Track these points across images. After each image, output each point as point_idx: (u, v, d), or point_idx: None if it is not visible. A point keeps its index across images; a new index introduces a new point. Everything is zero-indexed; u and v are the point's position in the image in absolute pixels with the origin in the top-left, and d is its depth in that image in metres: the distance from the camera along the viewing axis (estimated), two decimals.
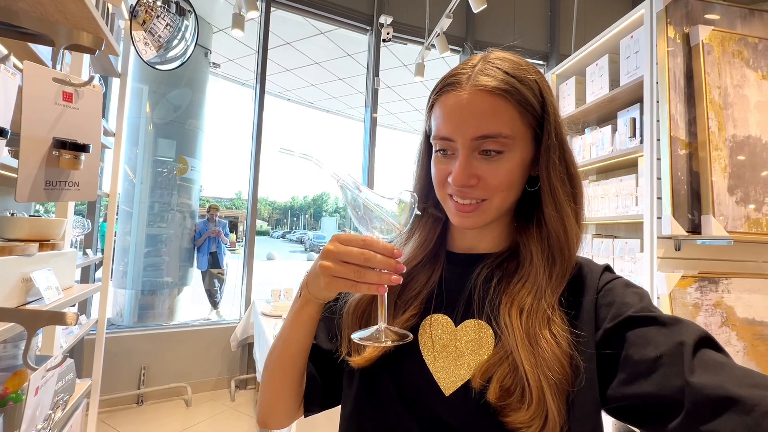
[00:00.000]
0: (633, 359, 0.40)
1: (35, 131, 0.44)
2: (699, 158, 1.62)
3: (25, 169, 0.43)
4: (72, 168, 0.49)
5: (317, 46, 5.21)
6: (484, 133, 0.47)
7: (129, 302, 3.87)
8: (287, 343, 0.53)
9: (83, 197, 0.52)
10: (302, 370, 0.54)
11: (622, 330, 0.43)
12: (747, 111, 1.64)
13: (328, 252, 0.44)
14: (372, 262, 0.43)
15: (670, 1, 1.70)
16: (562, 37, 4.15)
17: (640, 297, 0.46)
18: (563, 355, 0.43)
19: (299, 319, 0.51)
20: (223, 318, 4.78)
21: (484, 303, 0.50)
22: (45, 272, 0.78)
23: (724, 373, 0.35)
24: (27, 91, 0.42)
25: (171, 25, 2.33)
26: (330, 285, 0.44)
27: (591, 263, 0.53)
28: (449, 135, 0.49)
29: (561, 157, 0.50)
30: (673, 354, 0.38)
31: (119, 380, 2.77)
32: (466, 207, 0.49)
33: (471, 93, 0.47)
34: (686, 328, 0.40)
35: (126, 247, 3.84)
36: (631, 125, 1.91)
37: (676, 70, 1.66)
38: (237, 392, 3.09)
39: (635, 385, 0.39)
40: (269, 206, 55.23)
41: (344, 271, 0.43)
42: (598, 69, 2.16)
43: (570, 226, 0.49)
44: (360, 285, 0.43)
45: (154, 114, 3.87)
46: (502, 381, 0.43)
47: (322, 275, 0.44)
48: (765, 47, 1.69)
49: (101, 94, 0.54)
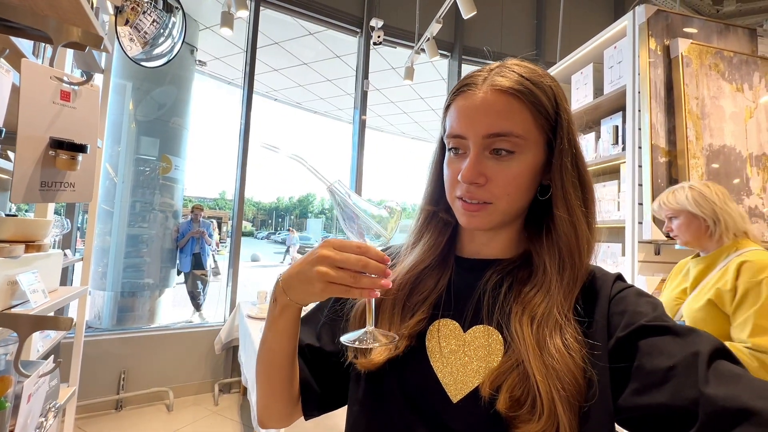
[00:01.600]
0: (646, 369, 0.39)
1: (32, 130, 0.43)
2: (678, 166, 1.69)
3: (21, 169, 0.42)
4: (68, 168, 0.48)
5: (306, 47, 5.18)
6: (496, 131, 0.47)
7: (108, 304, 3.75)
8: (272, 351, 0.52)
9: (79, 198, 0.51)
10: (291, 373, 0.54)
11: (635, 339, 0.42)
12: (722, 121, 1.72)
13: (324, 258, 0.44)
14: (368, 268, 0.44)
15: (652, 14, 1.77)
16: (548, 45, 4.25)
17: (654, 306, 0.45)
18: (576, 367, 0.42)
19: (279, 326, 0.50)
20: (206, 320, 4.68)
21: (493, 309, 0.49)
22: (31, 275, 0.75)
23: (740, 385, 0.35)
24: (25, 90, 0.41)
25: (158, 21, 2.28)
26: (325, 290, 0.44)
27: (603, 271, 0.52)
28: (461, 132, 0.49)
29: (574, 162, 0.50)
30: (688, 364, 0.37)
31: (97, 385, 2.68)
32: (473, 206, 0.49)
33: (486, 92, 0.48)
34: (701, 339, 0.39)
35: (105, 248, 3.72)
36: (614, 133, 1.97)
37: (657, 81, 1.73)
38: (221, 396, 3.03)
39: (648, 395, 0.38)
40: (254, 207, 54.52)
41: (341, 277, 0.43)
42: (583, 77, 2.22)
43: (582, 230, 0.49)
44: (354, 290, 0.44)
45: (138, 111, 3.78)
46: (512, 391, 0.43)
47: (318, 281, 0.44)
48: (739, 61, 1.77)
49: (99, 93, 0.52)
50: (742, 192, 1.68)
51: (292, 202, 59.15)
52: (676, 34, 1.77)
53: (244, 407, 2.87)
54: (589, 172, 0.52)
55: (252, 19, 3.37)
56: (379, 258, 0.45)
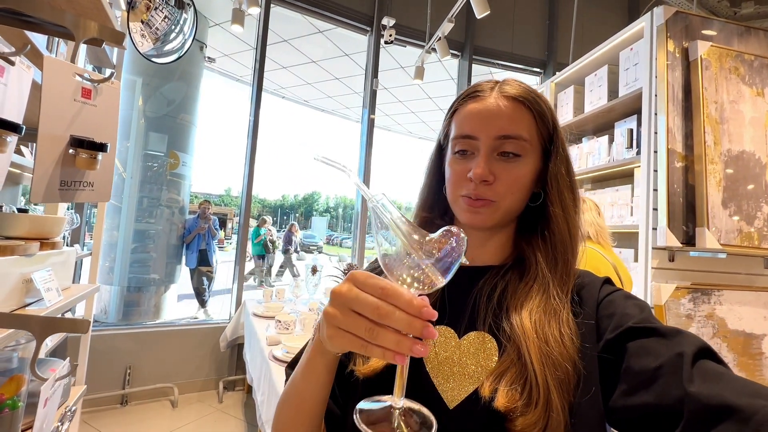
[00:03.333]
0: (634, 370, 0.41)
1: (53, 129, 0.41)
2: (695, 171, 1.65)
3: (41, 168, 0.40)
4: (88, 168, 0.46)
5: (315, 45, 5.17)
6: (507, 133, 0.50)
7: (114, 299, 3.77)
8: (301, 397, 0.47)
9: (98, 198, 0.50)
10: (320, 421, 0.50)
11: (623, 341, 0.43)
12: (742, 126, 1.68)
13: (338, 295, 0.35)
14: (390, 319, 0.33)
15: (671, 15, 1.73)
16: (560, 46, 4.20)
17: (641, 309, 0.46)
18: (570, 359, 0.44)
19: (311, 367, 0.45)
20: (210, 317, 4.70)
21: (487, 314, 0.50)
22: (45, 273, 0.74)
23: (723, 383, 0.35)
24: (47, 87, 0.40)
25: (169, 18, 2.28)
26: (335, 339, 0.35)
27: (591, 275, 0.54)
28: (472, 132, 0.51)
29: (567, 170, 0.54)
30: (673, 364, 0.38)
31: (103, 380, 2.69)
32: (479, 203, 0.51)
33: (496, 98, 0.52)
34: (686, 339, 0.40)
35: (113, 243, 3.75)
36: (628, 136, 1.94)
37: (674, 84, 1.69)
38: (225, 394, 3.03)
39: (636, 396, 0.39)
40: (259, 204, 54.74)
41: (353, 324, 0.34)
42: (597, 79, 2.19)
43: (574, 228, 0.53)
44: (371, 347, 0.34)
45: (147, 107, 3.79)
46: (511, 384, 0.43)
47: (327, 325, 0.36)
48: (760, 64, 1.73)
49: (119, 90, 0.51)
50: (760, 199, 1.64)
51: (298, 200, 59.30)
52: (695, 36, 1.74)
53: (248, 405, 2.88)
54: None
55: (263, 16, 3.36)
56: (414, 309, 0.33)
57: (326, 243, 29.01)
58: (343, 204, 53.86)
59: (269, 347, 1.92)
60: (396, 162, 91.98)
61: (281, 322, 2.14)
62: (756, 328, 1.61)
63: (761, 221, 1.62)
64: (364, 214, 3.71)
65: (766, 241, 1.62)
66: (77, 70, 0.44)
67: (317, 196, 57.75)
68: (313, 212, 55.62)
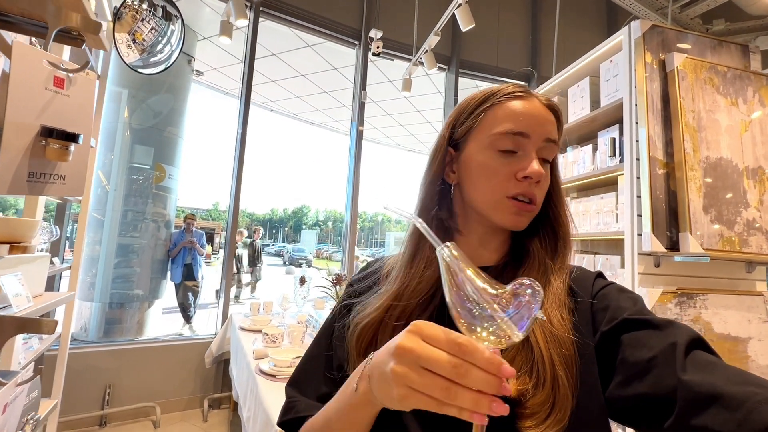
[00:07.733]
0: (628, 361, 0.41)
1: (21, 116, 0.40)
2: (676, 178, 1.69)
3: (7, 156, 0.38)
4: (59, 159, 0.44)
5: (304, 59, 5.23)
6: (553, 138, 0.53)
7: (95, 316, 3.64)
8: None
9: (69, 192, 0.47)
10: None
11: (618, 333, 0.44)
12: (718, 134, 1.73)
13: (405, 351, 0.33)
14: (468, 379, 0.31)
15: (647, 29, 1.80)
16: (543, 60, 4.33)
17: (634, 301, 0.47)
18: (572, 341, 0.44)
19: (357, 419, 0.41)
20: (196, 333, 4.57)
21: None
22: (14, 277, 0.71)
23: (715, 372, 0.36)
24: (15, 73, 0.38)
25: (156, 29, 2.28)
26: (406, 400, 0.33)
27: (584, 270, 0.54)
28: (526, 130, 0.50)
29: (559, 174, 0.59)
30: (666, 355, 0.39)
31: (81, 400, 2.57)
32: (529, 206, 0.51)
33: (540, 101, 0.53)
34: (679, 330, 0.41)
35: (95, 257, 3.64)
36: (611, 145, 1.98)
37: (653, 94, 1.75)
38: (210, 412, 2.93)
39: (631, 386, 0.40)
40: (248, 218, 54.16)
41: (428, 385, 0.32)
42: (580, 90, 2.24)
43: (569, 217, 0.56)
44: (448, 407, 0.32)
45: (133, 119, 3.75)
46: (519, 370, 0.43)
47: (396, 384, 0.33)
48: (733, 75, 1.80)
49: (95, 81, 0.50)
50: (740, 204, 1.69)
51: (287, 214, 58.92)
52: (670, 49, 1.80)
53: (234, 423, 2.77)
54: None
55: (251, 30, 3.39)
56: (493, 367, 0.31)
57: (316, 257, 28.77)
58: (332, 217, 53.66)
59: (256, 361, 1.86)
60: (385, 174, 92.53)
61: (268, 335, 2.09)
62: (741, 331, 1.63)
63: (741, 226, 1.66)
64: (353, 228, 3.70)
65: (747, 246, 1.65)
66: (49, 57, 0.43)
67: (306, 210, 57.47)
68: (303, 226, 55.23)
